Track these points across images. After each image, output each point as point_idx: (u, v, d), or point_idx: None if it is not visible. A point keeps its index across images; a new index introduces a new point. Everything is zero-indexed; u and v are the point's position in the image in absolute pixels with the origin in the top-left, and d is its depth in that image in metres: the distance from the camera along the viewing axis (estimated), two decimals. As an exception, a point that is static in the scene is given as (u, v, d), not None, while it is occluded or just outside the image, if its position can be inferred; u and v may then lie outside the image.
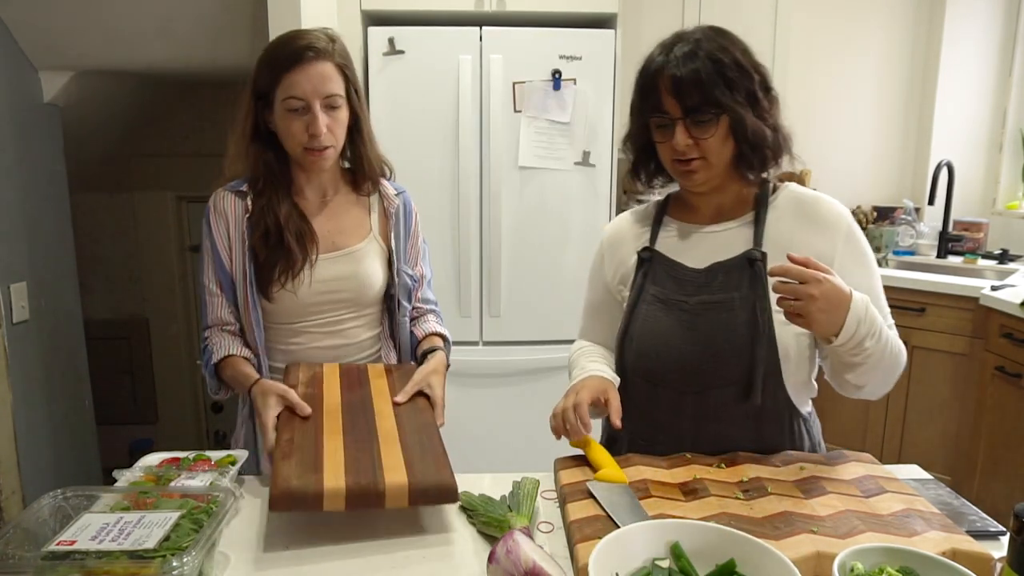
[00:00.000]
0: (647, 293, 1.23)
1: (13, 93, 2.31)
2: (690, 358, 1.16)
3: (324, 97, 1.26)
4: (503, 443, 2.72)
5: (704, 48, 1.11)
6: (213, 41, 2.37)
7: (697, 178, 1.17)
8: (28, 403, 2.32)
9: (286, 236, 1.31)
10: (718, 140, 1.12)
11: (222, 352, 1.34)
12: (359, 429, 1.12)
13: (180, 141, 3.44)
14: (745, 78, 1.12)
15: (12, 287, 2.26)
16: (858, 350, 1.04)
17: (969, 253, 3.16)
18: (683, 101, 1.11)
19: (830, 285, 0.99)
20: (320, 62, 1.25)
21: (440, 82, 2.51)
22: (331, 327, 1.40)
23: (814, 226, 1.16)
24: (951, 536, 0.90)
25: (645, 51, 1.20)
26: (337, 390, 1.25)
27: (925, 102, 3.44)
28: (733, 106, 1.10)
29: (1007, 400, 2.46)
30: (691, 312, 1.17)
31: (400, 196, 1.46)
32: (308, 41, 1.25)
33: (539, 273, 2.64)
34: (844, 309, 1.00)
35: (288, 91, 1.25)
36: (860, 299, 1.02)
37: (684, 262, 1.21)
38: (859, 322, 1.01)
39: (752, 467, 1.10)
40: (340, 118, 1.30)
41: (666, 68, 1.12)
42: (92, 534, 0.86)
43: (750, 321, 1.13)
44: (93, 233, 3.45)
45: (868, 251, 1.18)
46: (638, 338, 1.22)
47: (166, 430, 3.66)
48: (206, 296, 1.38)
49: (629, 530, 0.86)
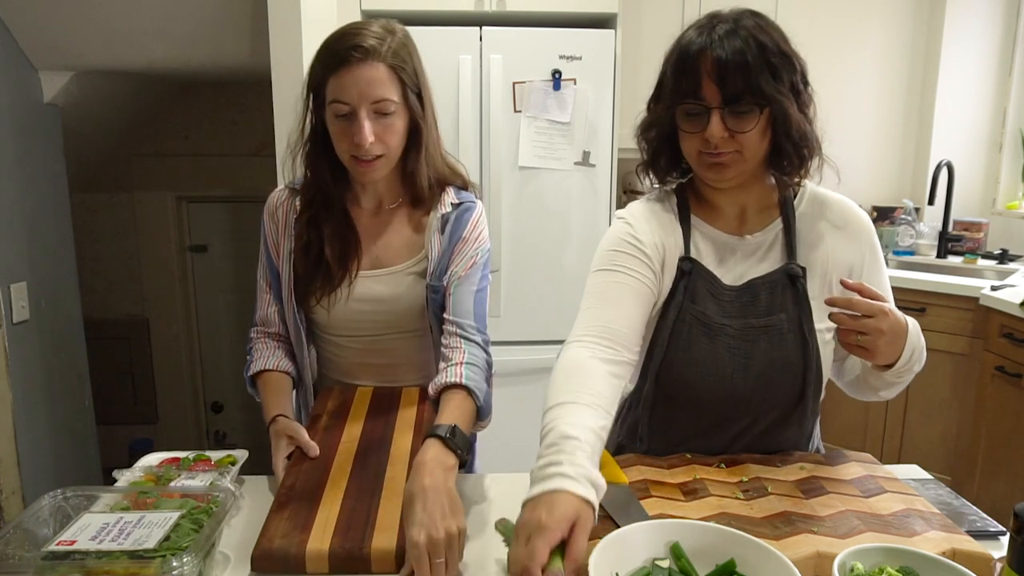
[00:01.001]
0: (686, 313, 1.11)
1: (13, 93, 2.31)
2: (741, 387, 1.10)
3: (372, 102, 1.13)
4: (503, 443, 2.72)
5: (746, 28, 1.00)
6: (213, 41, 2.37)
7: (728, 173, 1.06)
8: (28, 403, 2.32)
9: (326, 254, 1.24)
10: (757, 134, 1.02)
11: (259, 365, 1.29)
12: (367, 476, 1.06)
13: (180, 141, 3.44)
14: (788, 66, 1.01)
15: (12, 287, 2.26)
16: (906, 374, 1.05)
17: (969, 253, 3.16)
18: (725, 88, 0.99)
19: (894, 318, 0.98)
20: (368, 64, 1.12)
21: (440, 82, 2.51)
22: (373, 345, 1.31)
23: (842, 233, 1.12)
24: (951, 536, 0.90)
25: (645, 51, 1.18)
26: (361, 421, 1.21)
27: (925, 102, 3.44)
28: (778, 97, 0.99)
29: (1007, 400, 2.46)
30: (738, 338, 1.09)
31: (457, 209, 1.27)
32: (356, 40, 1.12)
33: (539, 273, 2.63)
34: (903, 339, 1.00)
35: (334, 94, 1.14)
36: (913, 327, 1.02)
37: (720, 276, 1.12)
38: (913, 350, 1.02)
39: (752, 467, 1.10)
40: (393, 125, 1.16)
41: (709, 50, 0.99)
42: (92, 534, 0.86)
43: (801, 345, 1.08)
44: (93, 233, 3.45)
45: (882, 253, 1.16)
46: (683, 366, 1.11)
47: (166, 430, 3.66)
48: (258, 291, 1.33)
49: (629, 530, 0.86)
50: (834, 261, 1.11)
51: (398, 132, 1.18)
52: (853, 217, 1.14)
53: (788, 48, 1.03)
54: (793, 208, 1.13)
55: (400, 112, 1.17)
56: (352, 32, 1.14)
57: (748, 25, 1.01)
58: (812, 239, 1.12)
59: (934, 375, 2.74)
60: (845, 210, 1.15)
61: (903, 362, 1.02)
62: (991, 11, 3.28)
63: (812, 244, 1.12)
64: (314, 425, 1.19)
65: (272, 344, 1.33)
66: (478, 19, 2.57)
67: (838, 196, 1.17)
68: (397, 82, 1.15)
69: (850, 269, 1.12)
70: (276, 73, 2.07)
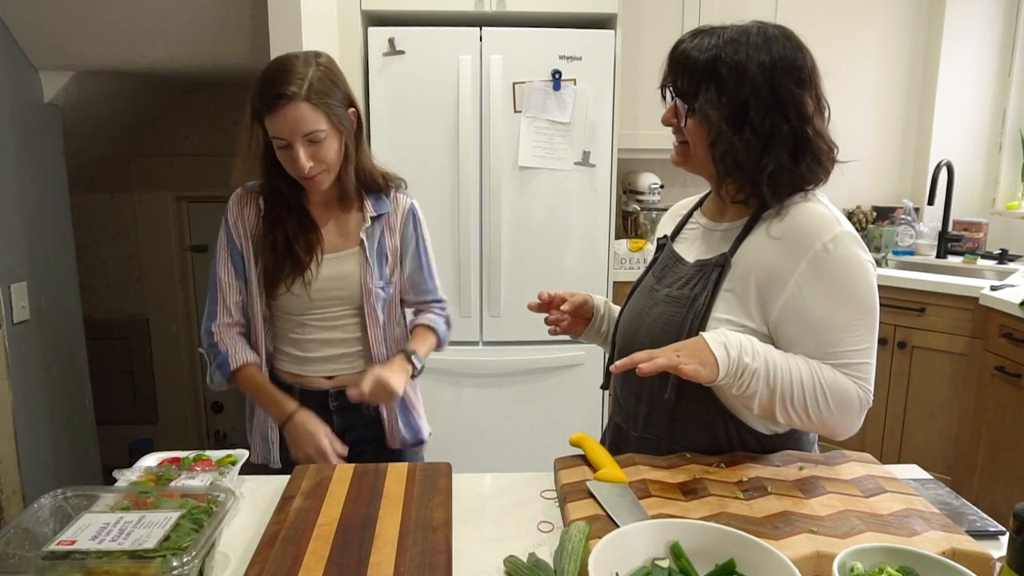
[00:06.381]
0: (644, 281, 1.27)
1: (13, 93, 2.31)
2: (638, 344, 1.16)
3: (304, 135, 1.31)
4: (503, 443, 2.72)
5: (727, 39, 1.07)
6: (213, 41, 2.37)
7: (681, 163, 1.17)
8: (28, 403, 2.32)
9: (295, 248, 1.42)
10: (694, 131, 1.11)
11: (240, 360, 1.45)
12: (348, 562, 0.92)
13: (180, 141, 3.44)
14: (743, 89, 1.04)
15: (12, 287, 2.26)
16: (750, 396, 1.03)
17: (969, 253, 3.16)
18: (675, 82, 1.12)
19: (684, 344, 1.02)
20: (293, 105, 1.29)
21: (440, 82, 2.51)
22: (330, 321, 1.49)
23: (783, 245, 1.07)
24: (951, 536, 0.90)
25: (645, 51, 1.20)
26: (341, 502, 1.07)
27: (925, 102, 3.44)
28: (705, 108, 1.07)
29: (1007, 400, 2.46)
30: (655, 300, 1.20)
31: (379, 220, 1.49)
32: (280, 87, 1.29)
33: (539, 273, 2.63)
34: (706, 351, 1.00)
35: (272, 132, 1.33)
36: (732, 340, 1.02)
37: (686, 256, 1.21)
38: (742, 368, 1.01)
39: (752, 467, 1.10)
40: (326, 146, 1.34)
41: (678, 46, 1.12)
42: (92, 534, 0.86)
43: (684, 320, 1.12)
44: (93, 233, 3.45)
45: (842, 278, 1.04)
46: (620, 318, 1.28)
47: (166, 430, 3.66)
48: (218, 286, 1.47)
49: (629, 530, 0.86)
50: (759, 263, 1.09)
51: (333, 149, 1.37)
52: (799, 228, 1.06)
53: (765, 75, 1.04)
54: (763, 210, 1.12)
55: (331, 133, 1.35)
56: (276, 77, 1.31)
57: (728, 37, 1.07)
58: (755, 240, 1.11)
59: (934, 375, 2.75)
60: (795, 222, 1.07)
61: (725, 375, 1.00)
62: (991, 11, 3.28)
63: (753, 244, 1.11)
64: (284, 508, 1.05)
65: (241, 340, 1.48)
66: (478, 19, 2.57)
67: (806, 210, 1.08)
68: (321, 113, 1.32)
69: (773, 276, 1.07)
70: (276, 73, 2.07)
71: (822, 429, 1.09)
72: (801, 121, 1.07)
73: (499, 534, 1.02)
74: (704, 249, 1.20)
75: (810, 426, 1.08)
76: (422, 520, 1.01)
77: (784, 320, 1.07)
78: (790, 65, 1.06)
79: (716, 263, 1.13)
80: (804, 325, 1.05)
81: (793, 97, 1.06)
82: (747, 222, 1.14)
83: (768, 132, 1.06)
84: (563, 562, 0.85)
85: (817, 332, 1.05)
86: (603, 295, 1.65)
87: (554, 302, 1.34)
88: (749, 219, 1.14)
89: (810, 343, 1.05)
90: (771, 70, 1.05)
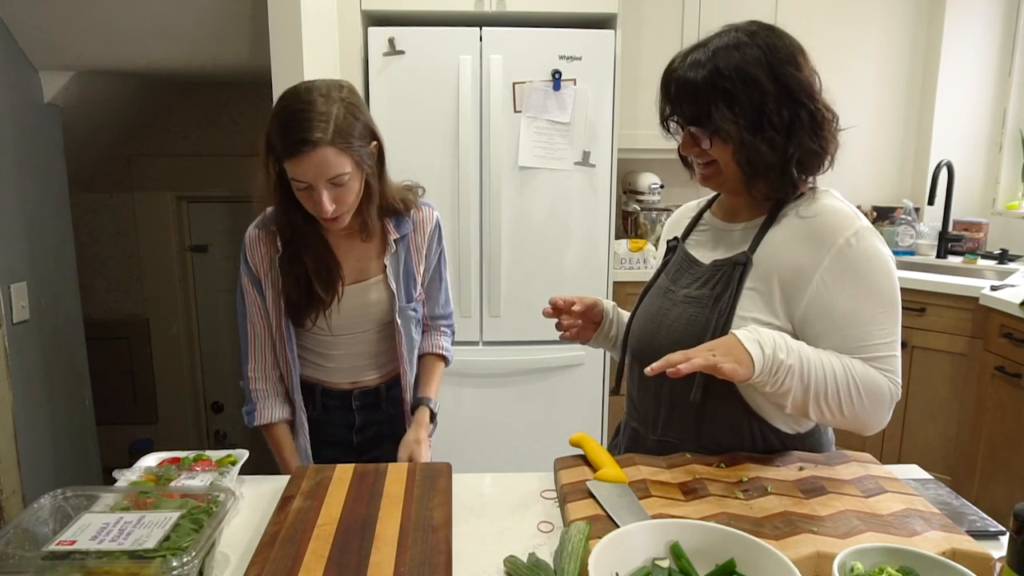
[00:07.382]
0: (658, 283, 1.26)
1: (13, 93, 2.31)
2: (657, 345, 1.16)
3: (328, 179, 1.26)
4: (503, 443, 2.72)
5: (720, 51, 1.06)
6: (213, 41, 2.37)
7: (711, 183, 1.16)
8: (28, 403, 2.32)
9: (315, 284, 1.39)
10: (720, 150, 1.09)
11: (264, 419, 1.47)
12: (347, 563, 0.91)
13: (180, 141, 3.44)
14: (754, 92, 1.05)
15: (12, 287, 2.26)
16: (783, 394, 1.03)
17: (969, 253, 3.16)
18: (682, 113, 1.11)
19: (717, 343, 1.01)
20: (318, 151, 1.22)
21: (440, 82, 2.51)
22: (357, 338, 1.50)
23: (805, 242, 1.08)
24: (951, 536, 0.90)
25: (645, 51, 1.19)
26: (341, 502, 1.07)
27: (925, 102, 3.44)
28: (723, 126, 1.05)
29: (1007, 400, 2.46)
30: (673, 301, 1.19)
31: (402, 240, 1.47)
32: (304, 133, 1.21)
33: (539, 273, 2.63)
34: (741, 349, 0.99)
35: (292, 174, 1.26)
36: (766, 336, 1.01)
37: (701, 257, 1.21)
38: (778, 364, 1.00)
39: (752, 467, 1.10)
40: (349, 188, 1.29)
41: (672, 76, 1.11)
42: (92, 534, 0.86)
43: (708, 320, 1.11)
44: (93, 233, 3.45)
45: (866, 272, 1.06)
46: (634, 321, 1.27)
47: (166, 430, 3.66)
48: (250, 331, 1.47)
49: (629, 530, 0.86)
50: (782, 261, 1.09)
51: (354, 191, 1.31)
52: (821, 225, 1.08)
53: (765, 72, 1.05)
54: (780, 207, 1.13)
55: (355, 174, 1.30)
56: (299, 122, 1.23)
57: (723, 45, 1.06)
58: (776, 239, 1.11)
59: (934, 375, 2.75)
60: (818, 219, 1.08)
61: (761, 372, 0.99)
62: (991, 11, 3.28)
63: (774, 243, 1.11)
64: (284, 508, 1.05)
65: (272, 391, 1.49)
66: (478, 19, 2.57)
67: (827, 207, 1.10)
68: (346, 156, 1.26)
69: (796, 273, 1.08)
70: (276, 74, 2.07)
71: (853, 424, 1.09)
72: (813, 101, 1.08)
73: (499, 534, 1.02)
74: (720, 250, 1.19)
75: (842, 422, 1.08)
76: (422, 520, 1.01)
77: (810, 316, 1.07)
78: (783, 51, 1.07)
79: (737, 261, 1.12)
80: (830, 320, 1.06)
81: (799, 81, 1.07)
82: (765, 220, 1.14)
83: (788, 122, 1.07)
84: (563, 562, 0.86)
85: (843, 327, 1.05)
86: (603, 295, 1.65)
87: (566, 307, 1.33)
88: (767, 218, 1.14)
89: (837, 338, 1.06)
90: (769, 63, 1.06)
